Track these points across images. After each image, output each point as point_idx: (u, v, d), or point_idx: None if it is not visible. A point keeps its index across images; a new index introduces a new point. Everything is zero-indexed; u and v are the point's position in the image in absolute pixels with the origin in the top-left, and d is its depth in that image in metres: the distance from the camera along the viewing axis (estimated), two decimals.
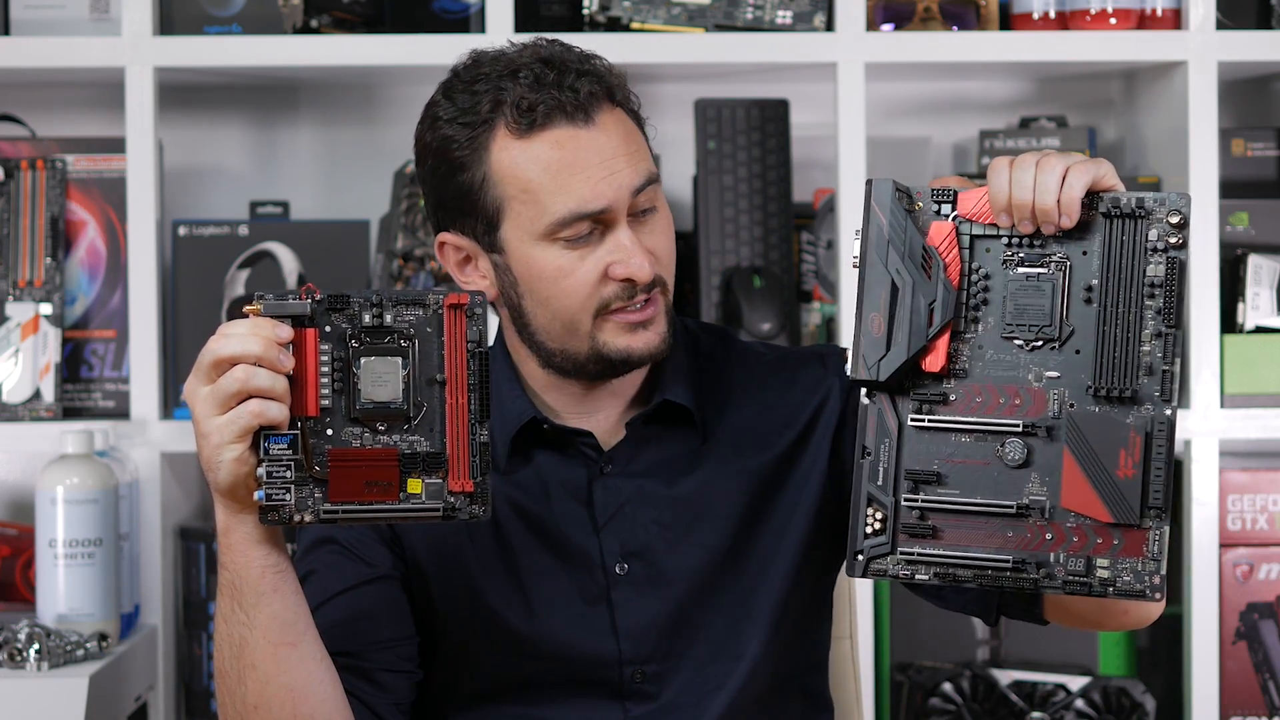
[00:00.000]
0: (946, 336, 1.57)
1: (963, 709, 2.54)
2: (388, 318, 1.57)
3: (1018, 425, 1.56)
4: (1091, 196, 1.55)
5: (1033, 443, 1.56)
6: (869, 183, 1.58)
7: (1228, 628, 2.56)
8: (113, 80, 2.55)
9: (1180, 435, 2.57)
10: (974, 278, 1.58)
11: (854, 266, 1.58)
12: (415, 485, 1.57)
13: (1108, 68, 2.73)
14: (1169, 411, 1.54)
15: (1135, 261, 1.55)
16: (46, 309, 2.52)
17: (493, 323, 1.74)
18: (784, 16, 2.56)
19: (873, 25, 2.56)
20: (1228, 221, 2.61)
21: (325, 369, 1.57)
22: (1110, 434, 1.54)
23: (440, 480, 1.58)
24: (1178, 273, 1.55)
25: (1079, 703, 2.53)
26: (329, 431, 1.57)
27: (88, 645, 2.28)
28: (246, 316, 1.59)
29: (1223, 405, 2.55)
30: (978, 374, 1.58)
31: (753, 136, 2.64)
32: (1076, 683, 2.54)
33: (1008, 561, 1.55)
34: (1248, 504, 2.59)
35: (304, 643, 1.65)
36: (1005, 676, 2.55)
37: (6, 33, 2.59)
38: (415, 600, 1.81)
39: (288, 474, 1.56)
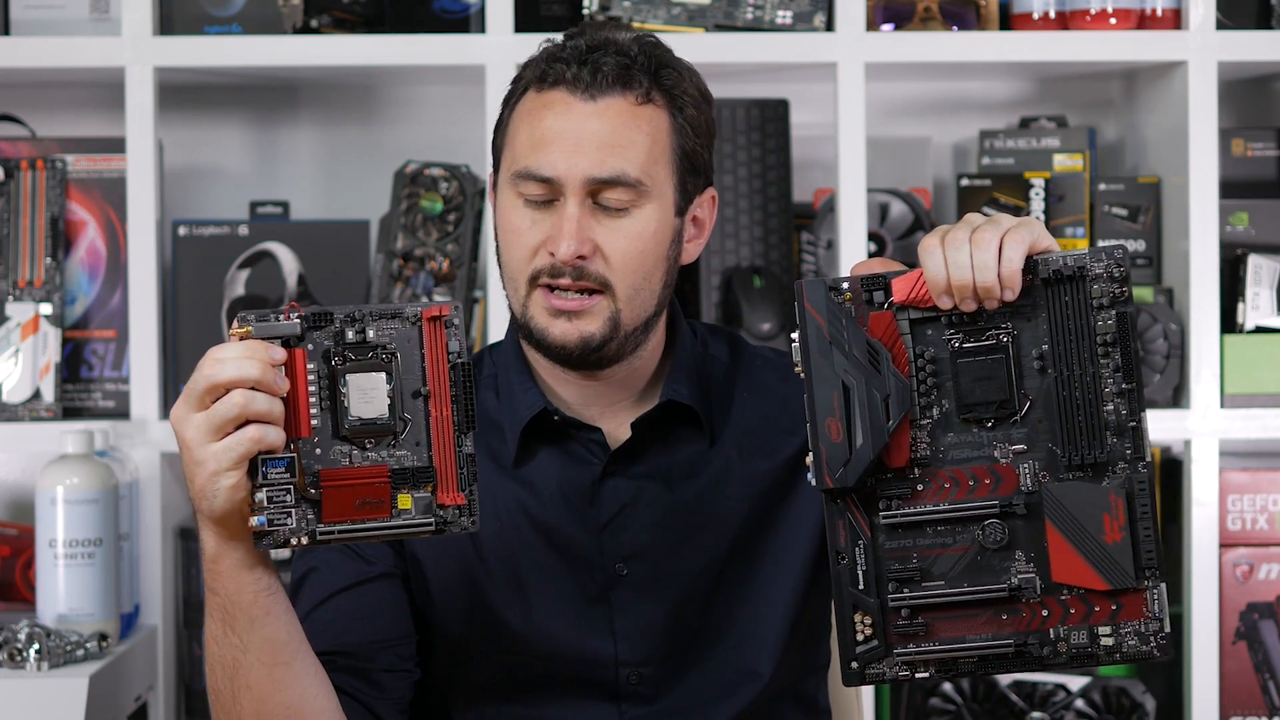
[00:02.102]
0: (906, 428, 1.53)
1: (963, 709, 2.54)
2: (370, 333, 1.55)
3: (994, 506, 1.53)
4: (1029, 262, 1.52)
5: (1011, 522, 1.53)
6: (799, 285, 1.53)
7: (1228, 628, 2.56)
8: (113, 80, 2.55)
9: (1180, 435, 2.57)
10: (920, 363, 1.54)
11: (797, 372, 1.53)
12: (405, 500, 1.56)
13: (1108, 68, 2.73)
14: (1143, 468, 1.52)
15: (1083, 322, 1.52)
16: (46, 309, 2.52)
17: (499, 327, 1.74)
18: (784, 16, 2.55)
19: (873, 25, 2.56)
20: (1228, 221, 2.61)
21: (313, 388, 1.54)
22: (1091, 502, 1.52)
23: (429, 494, 1.56)
24: (1128, 326, 1.52)
25: (1079, 703, 2.53)
26: (318, 451, 1.54)
27: (88, 645, 2.28)
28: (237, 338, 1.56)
29: (1223, 405, 2.55)
30: (942, 460, 1.54)
31: (753, 136, 2.63)
32: (1076, 683, 2.54)
33: (1009, 645, 1.52)
34: (1248, 504, 2.58)
35: (298, 660, 1.64)
36: (1005, 677, 2.55)
37: (6, 33, 2.59)
38: (414, 597, 1.81)
39: (287, 498, 1.53)
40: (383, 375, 1.55)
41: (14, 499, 2.75)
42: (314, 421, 1.54)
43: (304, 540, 1.54)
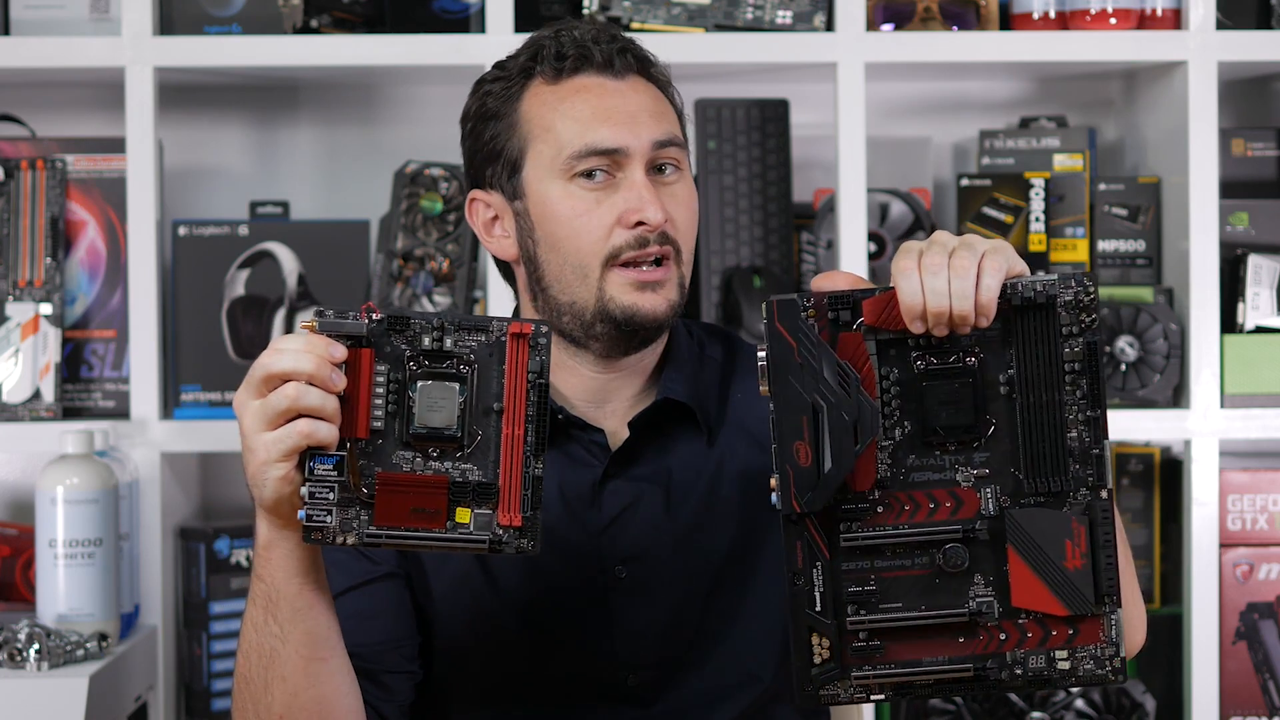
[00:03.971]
0: (873, 451, 1.51)
1: (963, 709, 2.54)
2: (448, 342, 1.54)
3: (956, 530, 1.51)
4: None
5: (972, 545, 1.52)
6: (770, 304, 1.51)
7: (1228, 628, 2.56)
8: (113, 80, 2.55)
9: (1180, 435, 2.57)
10: (884, 384, 1.52)
11: (764, 393, 1.51)
12: (464, 515, 1.54)
13: (1108, 68, 2.73)
14: (1104, 495, 1.51)
15: (1051, 349, 1.51)
16: (46, 309, 2.52)
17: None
18: (784, 16, 2.55)
19: (873, 25, 2.56)
20: (1228, 221, 2.61)
21: (380, 390, 1.53)
22: (1054, 528, 1.51)
23: (490, 511, 1.54)
24: (1096, 355, 1.51)
25: (1079, 703, 2.53)
26: (381, 454, 1.53)
27: (88, 645, 2.28)
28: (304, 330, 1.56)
29: (1223, 405, 2.55)
30: (902, 482, 1.52)
31: (753, 136, 2.64)
32: None
33: (968, 669, 1.51)
34: (1248, 504, 2.58)
35: (334, 657, 1.65)
36: None
37: (6, 33, 2.59)
38: (416, 598, 1.81)
39: (330, 495, 1.52)
40: (455, 386, 1.54)
41: (14, 499, 2.75)
42: (379, 425, 1.53)
43: (351, 540, 1.53)
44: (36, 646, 2.23)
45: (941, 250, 1.51)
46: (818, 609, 1.51)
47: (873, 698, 1.52)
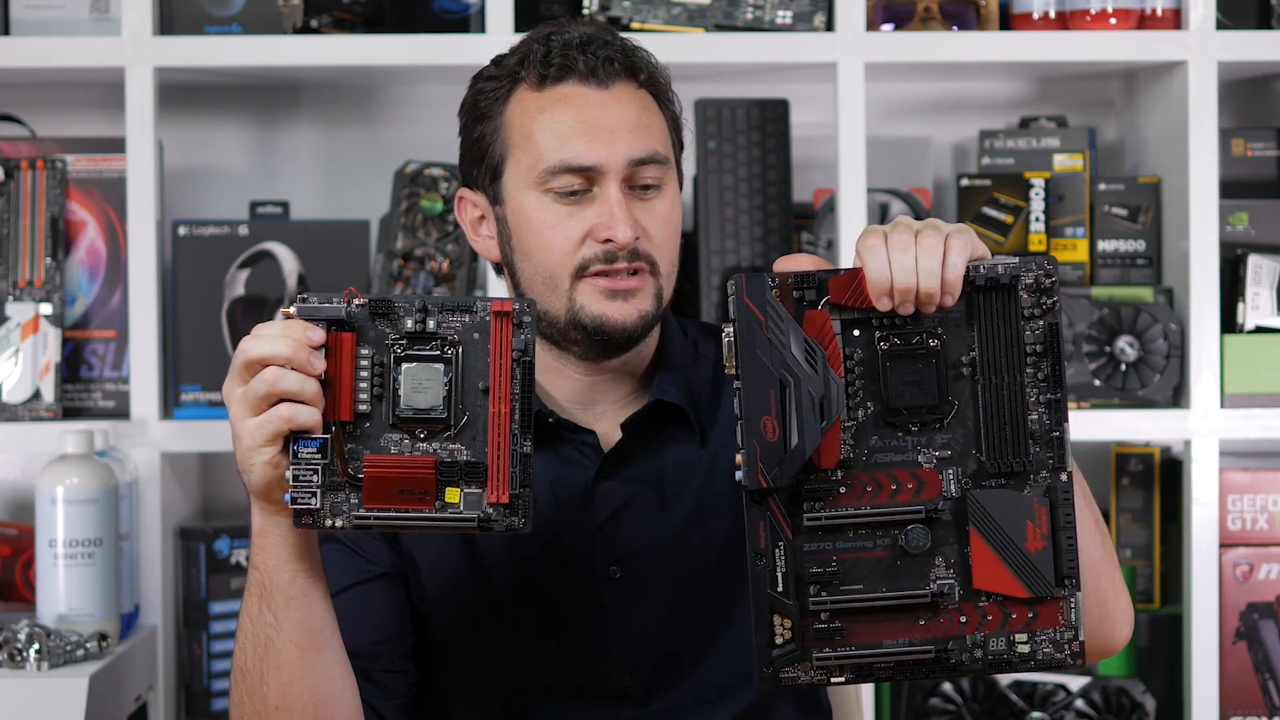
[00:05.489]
0: (837, 429, 1.51)
1: (963, 709, 2.54)
2: (431, 323, 1.55)
3: (919, 511, 1.52)
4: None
5: (934, 527, 1.52)
6: (739, 279, 1.51)
7: (1228, 628, 2.56)
8: (113, 80, 2.55)
9: (1180, 435, 2.57)
10: (848, 364, 1.52)
11: (729, 371, 1.51)
12: (453, 494, 1.55)
13: (1108, 68, 2.73)
14: (1065, 477, 1.52)
15: (1011, 330, 1.52)
16: (46, 309, 2.52)
17: None
18: (784, 16, 2.55)
19: (873, 25, 2.56)
20: (1228, 221, 2.61)
21: (365, 374, 1.54)
22: (1015, 509, 1.51)
23: (479, 490, 1.55)
24: (1057, 337, 1.52)
25: (1079, 703, 2.53)
26: (368, 437, 1.54)
27: (88, 645, 2.28)
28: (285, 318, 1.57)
29: (1223, 405, 2.55)
30: (865, 462, 1.53)
31: (753, 136, 2.63)
32: (1076, 683, 2.54)
33: (929, 651, 1.52)
34: (1248, 504, 2.58)
35: (330, 647, 1.66)
36: (1005, 676, 2.54)
37: (6, 33, 2.59)
38: (411, 598, 1.81)
39: (314, 478, 1.54)
40: (440, 367, 1.55)
41: (14, 499, 2.75)
42: (365, 408, 1.54)
43: (341, 523, 1.54)
44: (36, 646, 2.23)
45: (907, 229, 1.52)
46: (780, 589, 1.51)
47: (833, 680, 1.52)
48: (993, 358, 1.52)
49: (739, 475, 1.50)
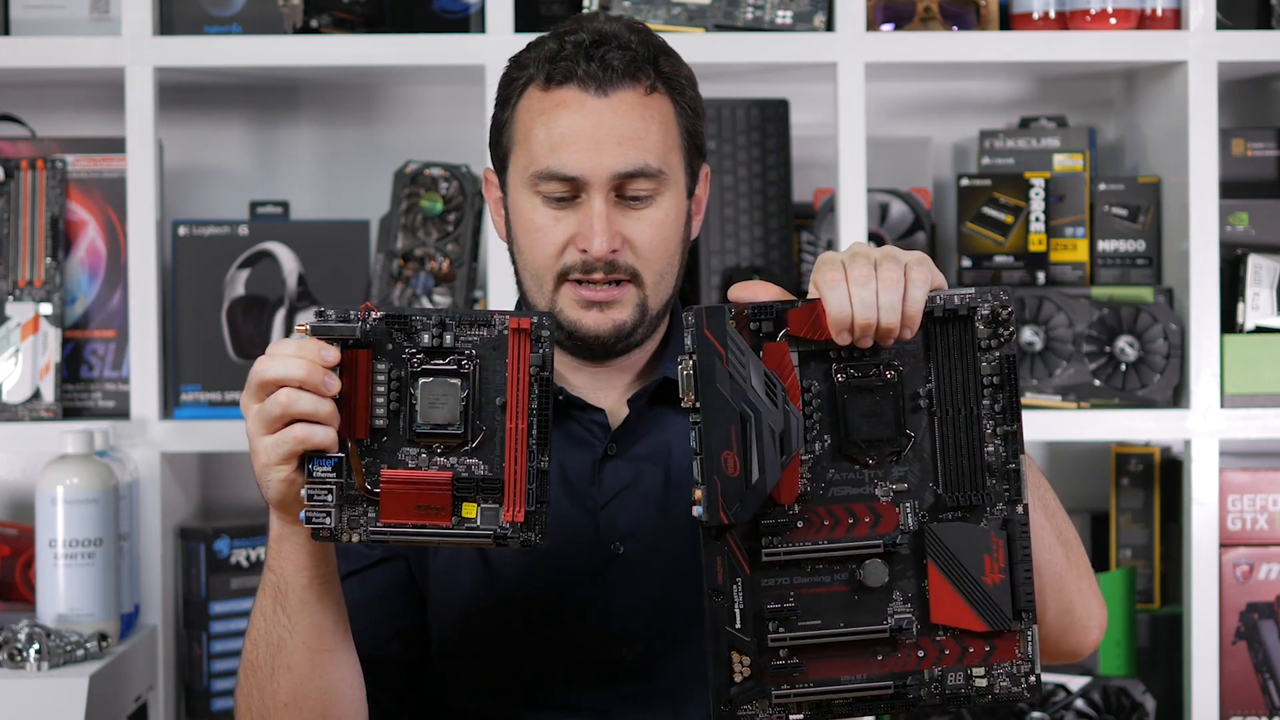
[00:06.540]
0: (796, 463, 1.49)
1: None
2: (448, 338, 1.54)
3: (876, 544, 1.50)
4: None
5: (892, 561, 1.51)
6: (698, 310, 1.48)
7: (1228, 628, 2.56)
8: (113, 80, 2.55)
9: (1180, 435, 2.57)
10: (806, 396, 1.51)
11: (686, 405, 1.48)
12: (470, 509, 1.54)
13: (1108, 68, 2.73)
14: (1020, 509, 1.51)
15: (968, 362, 1.51)
16: (46, 309, 2.52)
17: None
18: (784, 16, 2.55)
19: (873, 25, 2.56)
20: (1228, 221, 2.61)
21: (381, 389, 1.53)
22: (973, 543, 1.50)
23: (496, 506, 1.54)
24: (1013, 368, 1.50)
25: (1079, 703, 2.53)
26: (386, 451, 1.54)
27: (88, 645, 2.28)
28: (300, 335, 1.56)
29: (1223, 405, 2.55)
30: (821, 496, 1.51)
31: (753, 136, 2.63)
32: (1076, 683, 2.54)
33: (888, 687, 1.50)
34: (1248, 504, 2.58)
35: (341, 649, 1.67)
36: None
37: (6, 33, 2.59)
38: (413, 578, 1.83)
39: (329, 497, 1.53)
40: (456, 382, 1.53)
41: (14, 499, 2.75)
42: (382, 423, 1.53)
43: (357, 538, 1.54)
44: (36, 646, 2.23)
45: (866, 262, 1.50)
46: (737, 626, 1.50)
47: (791, 718, 1.51)
48: (949, 390, 1.51)
49: (697, 511, 1.48)
